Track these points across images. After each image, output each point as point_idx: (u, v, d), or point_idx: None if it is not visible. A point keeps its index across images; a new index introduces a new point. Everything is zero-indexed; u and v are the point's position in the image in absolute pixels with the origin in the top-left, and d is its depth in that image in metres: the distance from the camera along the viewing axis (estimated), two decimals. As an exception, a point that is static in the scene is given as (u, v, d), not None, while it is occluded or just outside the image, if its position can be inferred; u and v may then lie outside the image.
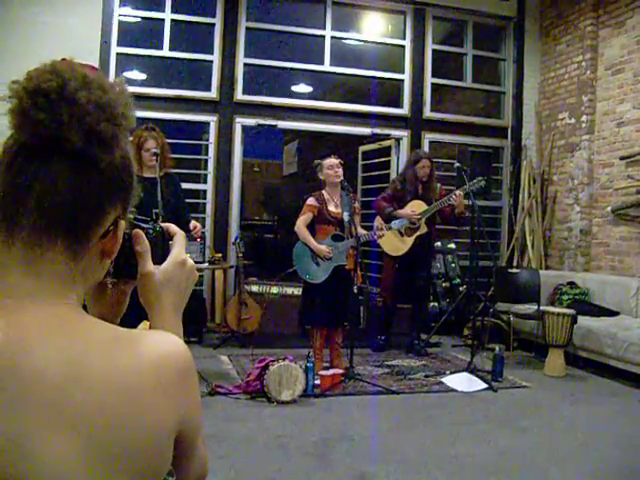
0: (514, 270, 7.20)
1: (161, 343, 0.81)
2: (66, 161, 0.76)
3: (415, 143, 8.05)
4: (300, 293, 6.13)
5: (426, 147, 8.11)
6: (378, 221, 6.02)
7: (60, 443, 0.70)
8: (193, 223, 4.97)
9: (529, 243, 7.98)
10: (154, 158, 4.73)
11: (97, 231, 0.81)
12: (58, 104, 0.74)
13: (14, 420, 0.70)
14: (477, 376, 5.38)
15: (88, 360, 0.74)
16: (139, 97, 7.14)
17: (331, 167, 5.36)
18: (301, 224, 5.38)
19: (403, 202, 6.26)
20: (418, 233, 6.09)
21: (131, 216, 0.90)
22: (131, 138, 5.06)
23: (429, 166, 6.32)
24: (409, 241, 6.16)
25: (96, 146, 0.76)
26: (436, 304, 7.64)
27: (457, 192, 6.04)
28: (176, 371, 0.79)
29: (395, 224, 6.07)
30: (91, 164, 0.77)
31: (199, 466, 0.92)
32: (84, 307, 0.86)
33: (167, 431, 0.78)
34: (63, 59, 0.79)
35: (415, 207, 6.22)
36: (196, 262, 5.05)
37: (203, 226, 7.40)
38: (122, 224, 0.84)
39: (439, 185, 6.49)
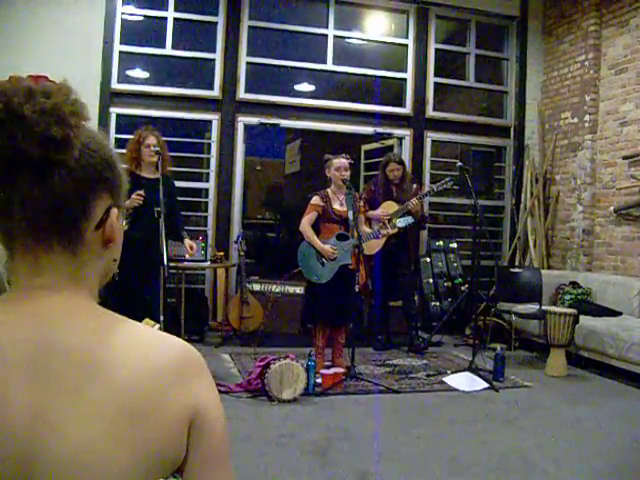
0: (516, 270, 7.19)
1: (179, 340, 0.87)
2: (34, 170, 0.79)
3: (418, 142, 8.05)
4: (302, 292, 6.14)
5: (428, 146, 8.12)
6: (379, 216, 6.07)
7: (91, 416, 0.75)
8: (189, 242, 5.17)
9: (531, 243, 7.97)
10: (156, 156, 4.76)
11: (89, 224, 0.84)
12: (8, 122, 0.77)
13: (48, 394, 0.75)
14: (479, 376, 5.38)
15: (117, 342, 0.80)
16: (142, 95, 7.16)
17: (338, 169, 5.34)
18: (306, 223, 5.37)
19: (377, 203, 6.44)
20: (390, 233, 6.10)
21: None
22: (133, 137, 5.10)
23: (399, 169, 6.55)
24: (381, 240, 6.18)
25: (53, 149, 0.79)
26: (438, 303, 7.64)
27: (413, 200, 6.24)
28: (197, 363, 0.86)
29: (400, 222, 6.11)
30: (58, 166, 0.80)
31: None
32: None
33: (183, 417, 0.82)
34: (10, 77, 0.82)
35: (387, 208, 6.36)
36: (198, 261, 5.11)
37: (205, 224, 7.42)
38: (115, 211, 0.88)
39: (414, 186, 6.68)
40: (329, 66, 7.83)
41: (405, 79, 8.10)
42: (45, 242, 0.82)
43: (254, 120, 7.56)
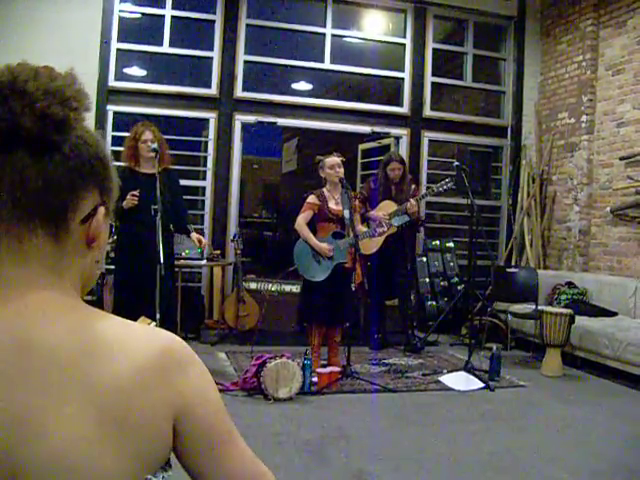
0: (512, 269, 7.20)
1: (163, 335, 0.86)
2: (29, 149, 0.79)
3: (415, 142, 8.05)
4: (298, 291, 6.13)
5: (425, 146, 8.12)
6: (380, 218, 6.07)
7: (74, 416, 0.74)
8: (197, 236, 5.14)
9: (528, 243, 7.98)
10: (153, 154, 4.75)
11: (75, 215, 0.83)
12: (11, 97, 0.77)
13: (29, 395, 0.74)
14: (474, 375, 5.38)
15: (98, 341, 0.79)
16: (139, 93, 7.15)
17: (332, 167, 5.36)
18: (302, 222, 5.37)
19: (376, 202, 6.42)
20: (388, 232, 6.11)
21: None
22: (129, 134, 5.09)
23: (400, 168, 6.52)
24: (379, 240, 6.19)
25: (51, 129, 0.79)
26: (434, 303, 7.64)
27: (412, 200, 6.19)
28: (180, 358, 0.84)
29: (396, 221, 6.12)
30: (53, 149, 0.80)
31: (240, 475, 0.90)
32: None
33: (166, 414, 0.81)
34: (19, 63, 0.82)
35: (386, 207, 6.33)
36: (194, 259, 5.13)
37: (202, 223, 7.41)
38: (102, 210, 0.87)
39: (413, 186, 6.67)
40: (327, 65, 7.82)
41: (402, 78, 8.09)
42: (30, 225, 0.80)
43: (251, 118, 7.56)
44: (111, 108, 7.02)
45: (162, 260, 4.39)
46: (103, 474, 0.75)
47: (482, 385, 5.25)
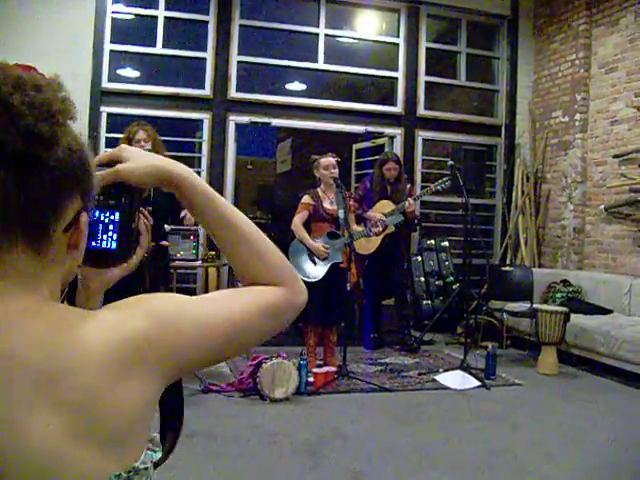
0: (507, 268, 7.21)
1: (130, 322, 0.81)
2: (12, 164, 0.76)
3: (409, 141, 8.06)
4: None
5: (419, 145, 8.12)
6: (376, 217, 6.06)
7: (46, 422, 0.72)
8: (184, 211, 5.07)
9: (522, 241, 7.99)
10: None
11: (58, 225, 0.81)
12: None
13: (10, 401, 0.72)
14: (470, 374, 5.39)
15: (72, 341, 0.77)
16: (132, 94, 7.13)
17: (327, 167, 5.36)
18: (298, 222, 5.39)
19: (372, 202, 6.43)
20: (386, 232, 6.12)
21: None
22: (123, 135, 5.07)
23: (396, 168, 6.52)
24: (376, 240, 6.20)
25: (37, 146, 0.76)
26: (429, 302, 7.65)
27: (409, 199, 6.24)
28: (133, 349, 0.80)
29: (391, 220, 6.13)
30: (38, 163, 0.77)
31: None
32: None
33: (143, 403, 0.79)
34: None
35: (383, 207, 6.33)
36: (189, 260, 5.10)
37: (196, 223, 7.39)
38: (85, 215, 0.85)
39: (409, 186, 6.69)
40: (320, 65, 7.82)
41: (396, 78, 8.10)
42: (10, 238, 0.78)
43: (245, 119, 7.55)
44: (105, 109, 6.99)
45: (154, 261, 4.38)
46: (89, 475, 0.74)
47: (478, 384, 5.26)
